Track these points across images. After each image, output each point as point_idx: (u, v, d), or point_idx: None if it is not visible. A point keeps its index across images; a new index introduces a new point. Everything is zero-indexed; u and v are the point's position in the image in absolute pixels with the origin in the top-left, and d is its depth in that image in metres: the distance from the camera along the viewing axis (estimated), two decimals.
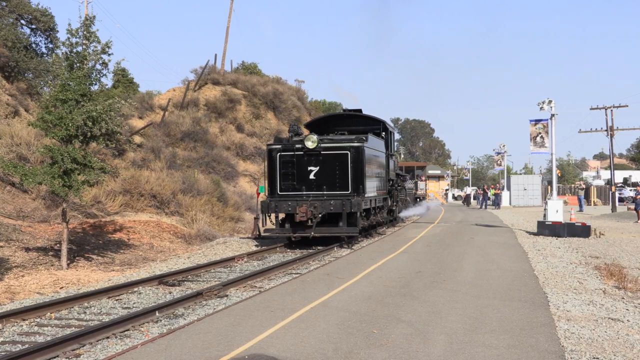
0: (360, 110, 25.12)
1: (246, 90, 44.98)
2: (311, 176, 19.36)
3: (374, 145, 21.59)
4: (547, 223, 22.32)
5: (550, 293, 10.89)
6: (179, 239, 21.82)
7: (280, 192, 19.62)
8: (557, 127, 23.75)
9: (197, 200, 26.09)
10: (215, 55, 49.42)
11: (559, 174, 67.45)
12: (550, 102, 23.16)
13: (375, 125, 24.35)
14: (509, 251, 17.48)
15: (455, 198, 79.05)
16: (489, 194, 50.16)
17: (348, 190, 19.20)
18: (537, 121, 24.91)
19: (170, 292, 12.07)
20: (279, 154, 19.62)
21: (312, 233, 18.73)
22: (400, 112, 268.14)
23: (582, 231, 21.51)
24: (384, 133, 24.56)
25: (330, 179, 19.31)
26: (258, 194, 25.36)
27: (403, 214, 31.66)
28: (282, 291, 11.38)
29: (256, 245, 20.52)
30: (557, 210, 22.60)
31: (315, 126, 24.11)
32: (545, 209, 23.28)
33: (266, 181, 20.08)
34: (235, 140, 39.35)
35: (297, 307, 9.86)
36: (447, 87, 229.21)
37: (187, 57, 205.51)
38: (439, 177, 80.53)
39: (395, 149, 28.48)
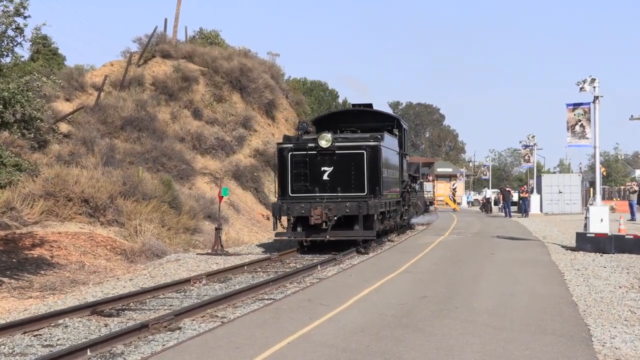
0: (370, 105, 28.63)
1: (205, 66, 44.75)
2: (325, 177, 22.52)
3: (389, 144, 25.00)
4: (588, 235, 22.40)
5: (594, 325, 10.91)
6: (118, 256, 21.67)
7: (291, 193, 22.75)
8: (602, 113, 23.97)
9: (142, 206, 25.92)
10: (166, 20, 49.12)
11: (604, 173, 67.83)
12: (593, 80, 23.24)
13: (387, 122, 27.93)
14: (539, 270, 17.52)
15: (471, 203, 79.30)
16: (512, 196, 50.17)
17: (364, 192, 22.43)
18: (575, 105, 25.02)
19: (106, 325, 11.95)
20: (290, 153, 22.80)
21: (328, 237, 21.72)
22: (402, 94, 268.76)
23: (635, 246, 21.60)
24: (396, 130, 27.90)
25: (345, 180, 22.54)
26: (220, 197, 25.30)
27: (414, 220, 34.42)
28: (251, 322, 11.32)
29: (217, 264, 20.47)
30: (602, 219, 22.68)
31: (322, 123, 27.44)
32: (586, 218, 23.37)
33: (276, 182, 23.47)
34: (192, 129, 39.15)
35: (270, 343, 9.81)
36: (461, 64, 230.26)
37: (128, 22, 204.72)
38: (450, 177, 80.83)
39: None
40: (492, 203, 59.89)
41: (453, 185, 73.71)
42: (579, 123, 24.85)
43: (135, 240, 23.20)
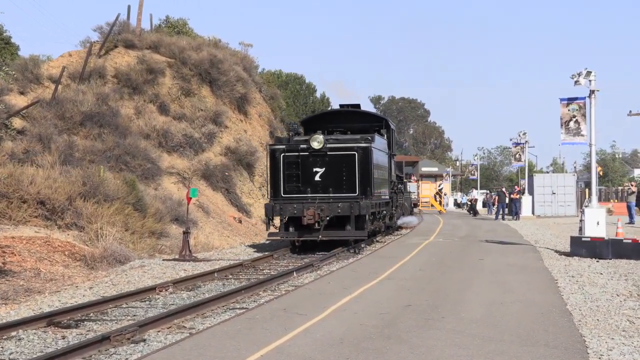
0: (358, 106, 31.26)
1: (172, 57, 44.59)
2: (317, 177, 24.58)
3: (379, 146, 27.20)
4: (584, 239, 22.52)
5: (590, 336, 10.97)
6: (77, 262, 21.54)
7: (284, 194, 24.83)
8: (598, 109, 24.09)
9: (103, 208, 25.79)
10: (129, 7, 48.73)
11: (601, 173, 68.19)
12: (589, 73, 23.32)
13: (376, 123, 30.39)
14: (531, 277, 17.60)
15: (458, 205, 79.56)
16: (506, 198, 50.39)
17: (355, 193, 24.54)
18: (570, 100, 25.13)
19: (63, 337, 11.88)
20: (282, 154, 24.90)
21: (320, 236, 23.70)
22: (383, 88, 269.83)
23: (633, 251, 21.72)
24: (384, 131, 30.09)
25: (337, 181, 24.63)
26: (189, 199, 25.22)
27: (400, 221, 36.23)
28: (222, 333, 11.30)
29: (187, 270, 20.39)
30: (598, 222, 22.79)
31: (310, 124, 29.64)
32: (581, 221, 23.47)
33: (268, 183, 25.62)
34: (157, 125, 39.00)
35: (242, 355, 9.79)
36: (448, 56, 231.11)
37: (88, 10, 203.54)
38: (435, 177, 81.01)
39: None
40: (481, 205, 60.04)
41: (439, 186, 73.82)
42: (574, 119, 24.97)
43: (96, 245, 23.06)
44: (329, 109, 69.64)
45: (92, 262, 21.68)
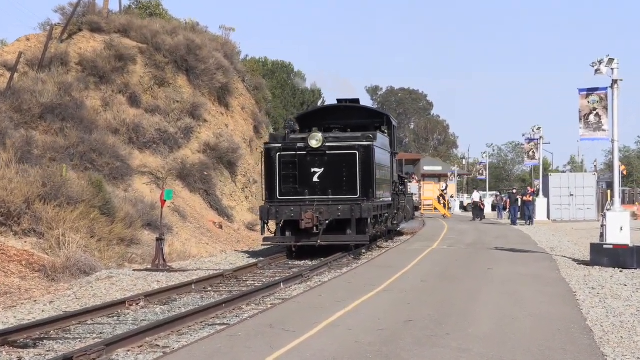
0: (357, 101, 32.28)
1: (144, 42, 44.48)
2: (315, 178, 25.36)
3: (381, 144, 28.18)
4: (605, 247, 22.53)
5: (612, 355, 10.97)
6: (35, 273, 21.49)
7: (280, 196, 25.62)
8: (621, 100, 24.09)
9: (66, 212, 25.71)
10: None
11: (625, 172, 68.24)
12: (611, 61, 23.32)
13: (376, 119, 31.67)
14: (546, 289, 17.62)
15: (465, 209, 79.64)
16: (518, 200, 50.39)
17: (356, 195, 25.37)
18: (590, 91, 25.15)
19: (20, 358, 11.84)
20: (278, 153, 25.72)
21: (319, 241, 24.63)
22: (381, 78, 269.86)
23: None
24: (386, 128, 31.36)
25: (337, 182, 25.48)
26: (163, 201, 25.23)
27: (403, 225, 37.44)
28: (200, 352, 11.28)
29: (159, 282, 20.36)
30: (622, 228, 22.81)
31: (306, 120, 30.75)
32: (602, 226, 23.50)
33: (263, 184, 26.40)
34: (128, 118, 38.90)
35: None
36: (452, 43, 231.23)
37: None
38: (439, 177, 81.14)
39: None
40: (490, 208, 59.95)
41: (442, 187, 73.80)
42: (594, 112, 24.99)
43: (57, 254, 22.99)
44: (320, 102, 69.88)
45: (52, 273, 21.61)
